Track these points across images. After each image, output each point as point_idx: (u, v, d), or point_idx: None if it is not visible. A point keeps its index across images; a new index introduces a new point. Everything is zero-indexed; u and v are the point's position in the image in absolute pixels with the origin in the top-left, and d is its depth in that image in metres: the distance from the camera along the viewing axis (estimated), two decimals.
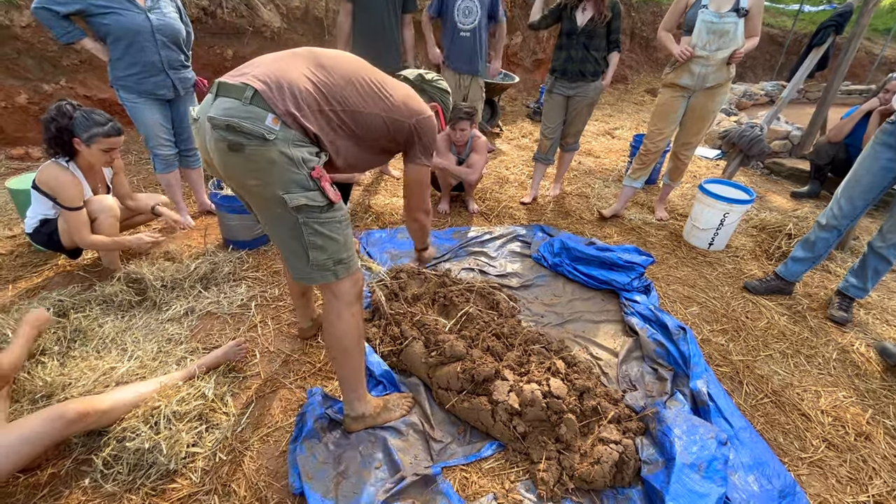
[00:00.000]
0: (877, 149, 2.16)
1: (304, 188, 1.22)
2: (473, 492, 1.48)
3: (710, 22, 2.73)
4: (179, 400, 1.59)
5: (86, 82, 3.78)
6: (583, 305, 2.41)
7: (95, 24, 2.31)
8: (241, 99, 1.15)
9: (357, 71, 1.34)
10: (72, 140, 2.07)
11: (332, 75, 1.27)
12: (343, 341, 1.45)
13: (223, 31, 4.24)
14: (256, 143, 1.15)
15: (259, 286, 2.39)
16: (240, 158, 1.17)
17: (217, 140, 1.16)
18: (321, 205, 1.25)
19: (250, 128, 1.13)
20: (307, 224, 1.26)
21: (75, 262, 2.47)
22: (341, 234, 1.33)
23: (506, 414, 1.61)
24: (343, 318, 1.42)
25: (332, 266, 1.34)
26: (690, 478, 1.40)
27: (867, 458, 1.71)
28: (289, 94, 1.18)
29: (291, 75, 1.21)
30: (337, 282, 1.37)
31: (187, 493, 1.43)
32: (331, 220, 1.29)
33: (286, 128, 1.17)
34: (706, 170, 4.58)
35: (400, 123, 1.41)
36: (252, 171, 1.19)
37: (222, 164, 1.21)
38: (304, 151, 1.21)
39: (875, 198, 2.24)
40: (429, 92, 1.67)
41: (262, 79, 1.17)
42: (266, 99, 1.15)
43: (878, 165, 2.16)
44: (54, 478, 1.45)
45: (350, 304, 1.41)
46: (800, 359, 2.16)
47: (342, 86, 1.28)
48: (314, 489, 1.40)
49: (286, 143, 1.17)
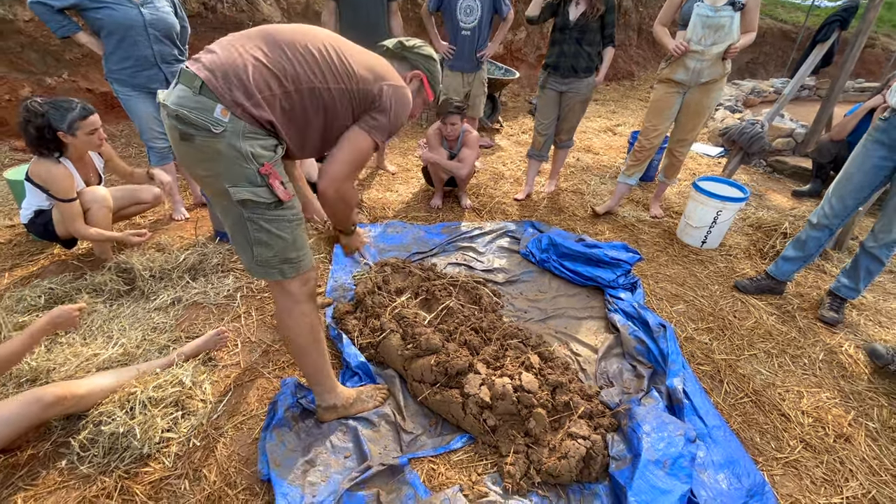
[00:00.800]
0: (868, 146, 2.11)
1: (252, 183, 1.18)
2: (440, 483, 1.50)
3: (705, 16, 2.68)
4: (156, 386, 1.62)
5: (88, 76, 3.85)
6: (567, 302, 2.40)
7: (89, 19, 2.35)
8: (192, 88, 1.12)
9: (315, 42, 1.24)
10: (56, 135, 2.10)
11: (287, 52, 1.19)
12: (297, 339, 1.45)
13: (223, 25, 4.28)
14: (204, 135, 1.13)
15: (246, 278, 2.42)
16: (190, 148, 1.16)
17: (170, 128, 1.16)
18: (268, 202, 1.21)
19: (196, 119, 1.11)
20: (251, 220, 1.23)
21: (70, 251, 2.53)
22: (290, 233, 1.29)
23: (476, 407, 1.62)
24: (293, 316, 1.41)
25: (277, 264, 1.31)
26: (654, 474, 1.39)
27: (845, 460, 1.68)
28: (236, 82, 1.12)
29: (241, 61, 1.14)
30: (285, 280, 1.35)
31: (159, 477, 1.46)
32: (279, 217, 1.26)
33: (236, 119, 1.13)
34: (707, 168, 4.52)
35: (364, 92, 1.29)
36: (201, 162, 1.18)
37: (176, 151, 1.21)
38: (257, 145, 1.17)
39: (867, 197, 2.19)
40: (409, 59, 1.49)
41: (209, 67, 1.13)
42: (212, 88, 1.11)
43: (869, 164, 2.11)
44: (33, 459, 1.49)
45: (299, 302, 1.39)
46: (785, 359, 2.13)
47: (299, 62, 1.20)
48: (281, 476, 1.42)
49: (235, 135, 1.13)
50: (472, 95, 3.75)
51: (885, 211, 2.16)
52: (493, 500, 1.44)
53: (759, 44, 9.04)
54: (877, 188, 2.17)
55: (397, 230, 2.97)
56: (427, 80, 1.52)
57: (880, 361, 2.03)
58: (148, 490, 1.42)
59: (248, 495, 1.42)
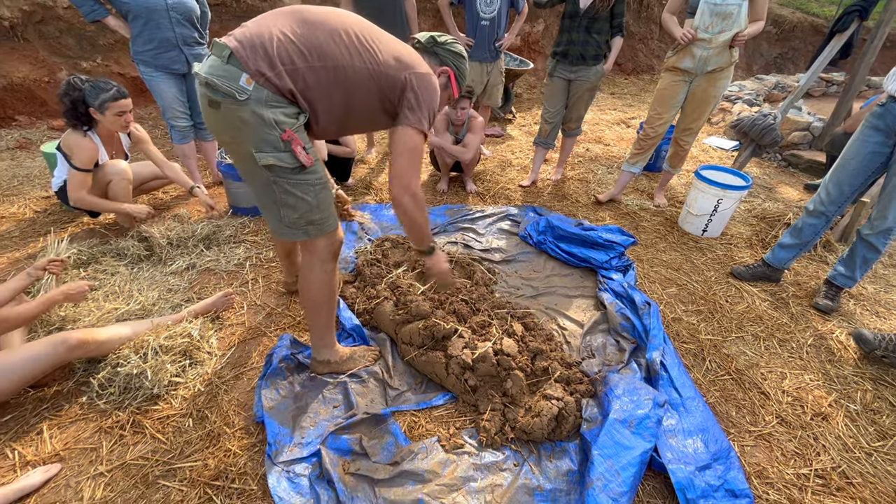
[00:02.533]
0: (865, 132, 2.11)
1: (275, 149, 1.26)
2: (419, 433, 1.61)
3: (713, 3, 2.69)
4: (167, 336, 1.78)
5: (119, 61, 4.08)
6: (560, 281, 2.47)
7: (117, 3, 2.53)
8: (221, 57, 1.21)
9: (344, 25, 1.30)
10: (87, 110, 2.28)
11: (315, 30, 1.26)
12: (313, 294, 1.58)
13: (246, 13, 4.45)
14: (230, 102, 1.21)
15: (256, 248, 2.58)
16: (218, 115, 1.26)
17: (201, 95, 1.27)
18: (291, 166, 1.30)
19: (223, 86, 1.19)
20: (277, 183, 1.33)
21: (96, 220, 2.73)
22: (314, 196, 1.38)
23: (458, 368, 1.72)
24: (315, 272, 1.53)
25: (303, 225, 1.42)
26: (620, 432, 1.47)
27: (819, 437, 1.71)
28: (262, 52, 1.20)
29: (268, 34, 1.22)
30: (312, 239, 1.46)
31: (166, 415, 1.61)
32: (303, 181, 1.34)
33: (259, 87, 1.20)
34: (720, 161, 4.48)
35: (390, 78, 1.33)
36: (227, 128, 1.28)
37: (206, 117, 1.31)
38: (279, 112, 1.24)
39: (863, 183, 2.19)
40: (440, 55, 1.53)
41: (238, 38, 1.21)
42: (239, 58, 1.19)
43: (866, 150, 2.11)
44: (58, 394, 1.67)
45: (324, 261, 1.51)
46: (772, 342, 2.16)
47: (324, 41, 1.26)
48: (272, 418, 1.55)
49: (259, 103, 1.21)
50: (489, 84, 3.82)
51: (880, 199, 2.16)
52: (468, 451, 1.54)
53: (787, 38, 8.78)
54: (873, 175, 2.16)
55: None
56: (455, 76, 1.55)
57: (867, 347, 2.04)
58: (156, 425, 1.58)
59: (244, 434, 1.56)
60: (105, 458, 1.47)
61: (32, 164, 3.38)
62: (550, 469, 1.50)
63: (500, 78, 3.91)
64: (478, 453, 1.53)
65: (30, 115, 3.80)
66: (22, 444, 1.50)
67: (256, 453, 1.50)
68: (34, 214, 2.83)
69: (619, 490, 1.34)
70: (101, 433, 1.55)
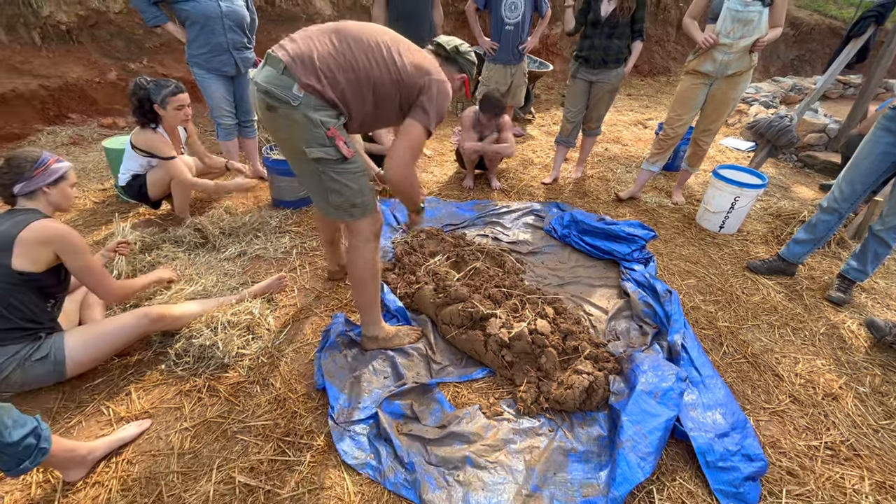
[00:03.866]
0: (878, 133, 2.24)
1: (322, 144, 1.50)
2: (462, 402, 1.78)
3: (735, 10, 2.82)
4: (233, 313, 1.98)
5: (164, 62, 4.33)
6: (584, 272, 2.63)
7: (177, 10, 2.75)
8: (277, 69, 1.44)
9: (376, 40, 1.54)
10: (152, 107, 2.51)
11: (352, 47, 1.50)
12: (359, 272, 1.77)
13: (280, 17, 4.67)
14: (285, 106, 1.45)
15: (300, 238, 2.78)
16: (274, 116, 1.49)
17: (259, 100, 1.49)
18: (335, 158, 1.53)
19: (280, 94, 1.43)
20: (325, 172, 1.56)
21: (154, 210, 2.95)
22: (356, 182, 1.61)
23: (496, 345, 1.89)
24: (359, 251, 1.73)
25: (348, 208, 1.64)
26: (647, 402, 1.63)
27: (829, 414, 1.86)
28: (310, 67, 1.44)
29: (316, 51, 1.46)
30: (355, 221, 1.67)
31: (236, 382, 1.81)
32: (346, 170, 1.58)
33: (308, 95, 1.45)
34: (736, 161, 4.58)
35: (410, 85, 1.58)
36: (282, 128, 1.52)
37: (263, 119, 1.54)
38: (324, 114, 1.48)
39: (875, 182, 2.31)
40: (460, 63, 1.77)
41: (291, 54, 1.44)
42: (292, 71, 1.43)
43: (878, 150, 2.24)
44: (140, 363, 1.88)
45: (367, 240, 1.72)
46: (786, 330, 2.30)
47: (359, 56, 1.50)
48: (333, 385, 1.74)
49: (308, 107, 1.45)
50: (514, 86, 3.98)
51: (892, 196, 2.28)
52: (507, 417, 1.72)
53: (805, 40, 8.80)
54: (884, 174, 2.28)
55: (432, 205, 3.26)
56: (468, 82, 1.83)
57: (878, 333, 2.17)
58: (228, 390, 1.77)
59: (307, 398, 1.75)
60: (188, 416, 1.67)
61: (87, 159, 3.63)
62: (582, 434, 1.66)
63: (524, 79, 4.07)
64: (516, 420, 1.71)
65: (82, 112, 4.05)
66: (114, 403, 1.71)
67: (320, 415, 1.69)
68: (94, 205, 3.06)
69: (647, 451, 1.51)
70: (182, 395, 1.75)
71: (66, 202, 1.74)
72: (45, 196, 1.66)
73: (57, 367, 1.62)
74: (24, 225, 1.52)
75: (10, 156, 1.63)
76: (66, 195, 1.72)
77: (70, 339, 1.66)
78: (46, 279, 1.59)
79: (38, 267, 1.55)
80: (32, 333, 1.60)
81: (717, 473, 1.52)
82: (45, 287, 1.60)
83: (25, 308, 1.56)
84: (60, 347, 1.63)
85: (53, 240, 1.55)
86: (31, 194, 1.63)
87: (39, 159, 1.64)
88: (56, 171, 1.67)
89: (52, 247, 1.55)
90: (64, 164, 1.71)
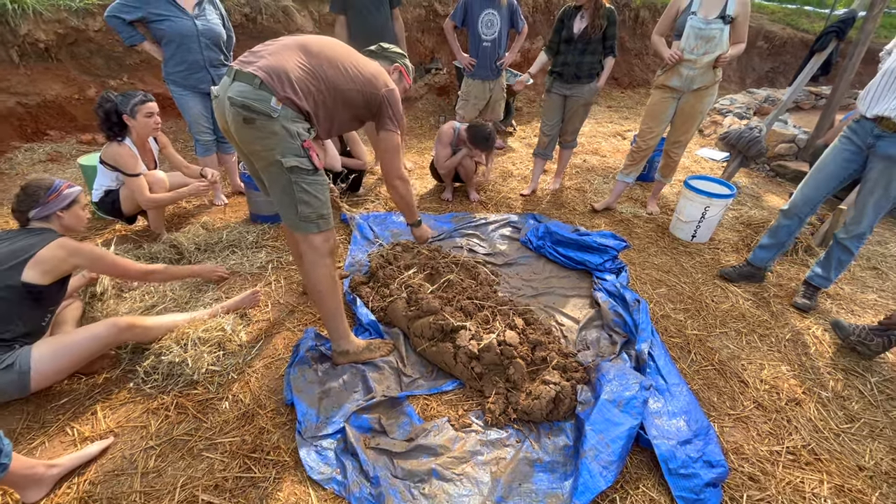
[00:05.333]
0: (842, 141, 2.35)
1: (297, 154, 1.58)
2: (431, 414, 1.80)
3: (697, 28, 2.92)
4: (204, 329, 1.98)
5: (144, 79, 4.35)
6: (558, 282, 2.67)
7: (153, 29, 2.78)
8: (252, 84, 1.50)
9: (338, 54, 1.68)
10: (120, 118, 2.53)
11: (320, 60, 1.62)
12: (318, 286, 1.80)
13: (262, 34, 4.72)
14: (264, 119, 1.51)
15: (276, 253, 2.79)
16: (251, 129, 1.54)
17: (234, 115, 1.52)
18: (309, 169, 1.62)
19: (260, 107, 1.49)
20: (297, 183, 1.62)
21: (130, 227, 2.95)
22: (323, 194, 1.70)
23: (466, 357, 1.91)
24: (317, 266, 1.77)
25: (315, 219, 1.69)
26: (610, 410, 1.66)
27: (792, 419, 1.90)
28: (287, 82, 1.53)
29: (287, 66, 1.55)
30: (313, 236, 1.71)
31: (205, 398, 1.81)
32: (315, 182, 1.66)
33: (285, 108, 1.53)
34: (710, 171, 4.69)
35: (373, 95, 1.75)
36: (259, 139, 1.56)
37: (237, 132, 1.57)
38: (299, 126, 1.58)
39: (835, 188, 2.40)
40: (389, 57, 1.98)
41: (265, 70, 1.51)
42: (269, 85, 1.50)
43: (840, 157, 2.34)
44: (107, 381, 1.87)
45: (323, 256, 1.76)
46: (753, 337, 2.35)
47: (326, 68, 1.63)
48: (301, 400, 1.75)
49: (287, 119, 1.54)
50: (492, 100, 4.06)
51: (855, 206, 2.37)
52: (475, 429, 1.73)
53: (778, 53, 9.07)
54: (844, 181, 2.38)
55: None
56: (404, 70, 2.02)
57: (842, 333, 2.24)
58: (197, 406, 1.77)
59: (275, 414, 1.76)
60: (154, 434, 1.66)
61: (64, 176, 3.61)
62: (549, 445, 1.68)
63: (503, 94, 4.15)
64: (484, 431, 1.72)
65: (60, 129, 4.05)
66: (79, 422, 1.70)
67: (287, 430, 1.69)
68: None
69: (609, 459, 1.53)
70: (149, 413, 1.74)
71: (79, 224, 1.93)
72: (58, 220, 1.83)
73: (21, 377, 1.62)
74: (45, 242, 1.68)
75: (26, 184, 1.81)
76: (79, 217, 1.91)
77: (37, 350, 1.67)
78: (49, 291, 1.71)
79: (47, 279, 1.68)
80: (10, 344, 1.63)
81: (679, 480, 1.54)
82: (46, 299, 1.72)
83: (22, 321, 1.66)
84: (27, 357, 1.63)
85: (76, 253, 1.73)
86: (45, 217, 1.81)
87: (52, 186, 1.81)
88: (68, 196, 1.85)
89: (76, 259, 1.73)
90: (75, 189, 1.88)
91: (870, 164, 2.29)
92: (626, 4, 7.76)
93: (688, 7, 2.97)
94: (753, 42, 8.82)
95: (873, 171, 2.27)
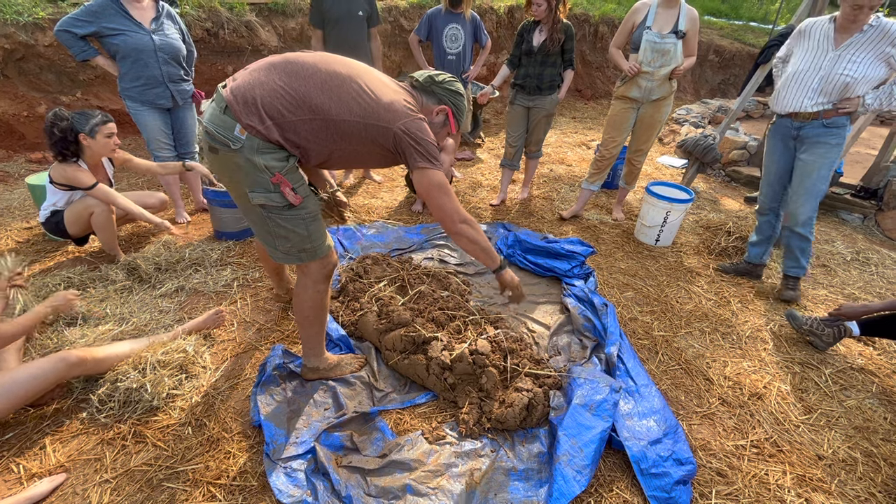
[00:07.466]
0: (770, 142, 2.70)
1: (266, 190, 1.41)
2: (405, 428, 1.77)
3: (653, 42, 3.06)
4: (164, 352, 1.89)
5: (99, 94, 4.19)
6: (528, 290, 2.70)
7: (107, 44, 2.69)
8: (219, 108, 1.35)
9: (339, 75, 1.39)
10: (77, 137, 2.42)
11: (307, 83, 1.36)
12: (305, 310, 1.74)
13: (224, 49, 4.66)
14: (225, 149, 1.37)
15: (242, 270, 2.71)
16: (216, 158, 1.43)
17: (201, 140, 1.45)
18: (281, 205, 1.44)
19: (219, 135, 1.35)
20: (271, 218, 1.48)
21: (82, 248, 2.81)
22: (304, 228, 1.52)
23: (438, 368, 1.90)
24: (308, 292, 1.70)
25: (296, 253, 1.58)
26: (582, 414, 1.67)
27: (755, 414, 1.97)
28: (253, 108, 1.33)
29: (261, 90, 1.34)
30: (306, 263, 1.63)
31: (166, 425, 1.72)
32: (293, 217, 1.49)
33: (251, 137, 1.34)
34: (671, 177, 4.89)
35: (380, 129, 1.42)
36: (224, 170, 1.45)
37: (207, 158, 1.49)
38: (269, 158, 1.37)
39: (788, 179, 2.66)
40: (437, 94, 1.60)
41: (234, 92, 1.34)
42: (233, 111, 1.33)
43: (776, 155, 2.60)
44: (58, 412, 1.75)
45: (316, 281, 1.68)
46: (716, 336, 2.43)
47: (313, 93, 1.36)
48: (269, 421, 1.69)
49: (252, 150, 1.35)
50: None
51: (791, 198, 2.58)
52: (449, 441, 1.71)
53: (728, 66, 9.60)
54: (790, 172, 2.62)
55: (380, 230, 3.27)
56: (452, 113, 1.63)
57: (796, 323, 2.39)
58: (157, 434, 1.68)
59: (242, 437, 1.69)
60: (109, 467, 1.56)
61: (12, 197, 3.42)
62: (523, 452, 1.68)
63: (468, 106, 4.22)
64: (458, 443, 1.70)
65: (8, 148, 3.84)
66: (26, 458, 1.58)
67: (255, 454, 1.63)
68: (16, 245, 2.87)
69: (582, 463, 1.54)
70: (104, 444, 1.64)
71: None
72: None
73: None
74: None
75: None
76: None
77: None
78: None
79: None
80: None
81: (651, 480, 1.57)
82: None
83: None
84: None
85: None
86: None
87: None
88: None
89: None
90: None
91: (798, 152, 2.56)
92: (585, 20, 8.06)
93: (643, 22, 3.11)
94: (705, 56, 9.31)
95: (801, 157, 2.53)
